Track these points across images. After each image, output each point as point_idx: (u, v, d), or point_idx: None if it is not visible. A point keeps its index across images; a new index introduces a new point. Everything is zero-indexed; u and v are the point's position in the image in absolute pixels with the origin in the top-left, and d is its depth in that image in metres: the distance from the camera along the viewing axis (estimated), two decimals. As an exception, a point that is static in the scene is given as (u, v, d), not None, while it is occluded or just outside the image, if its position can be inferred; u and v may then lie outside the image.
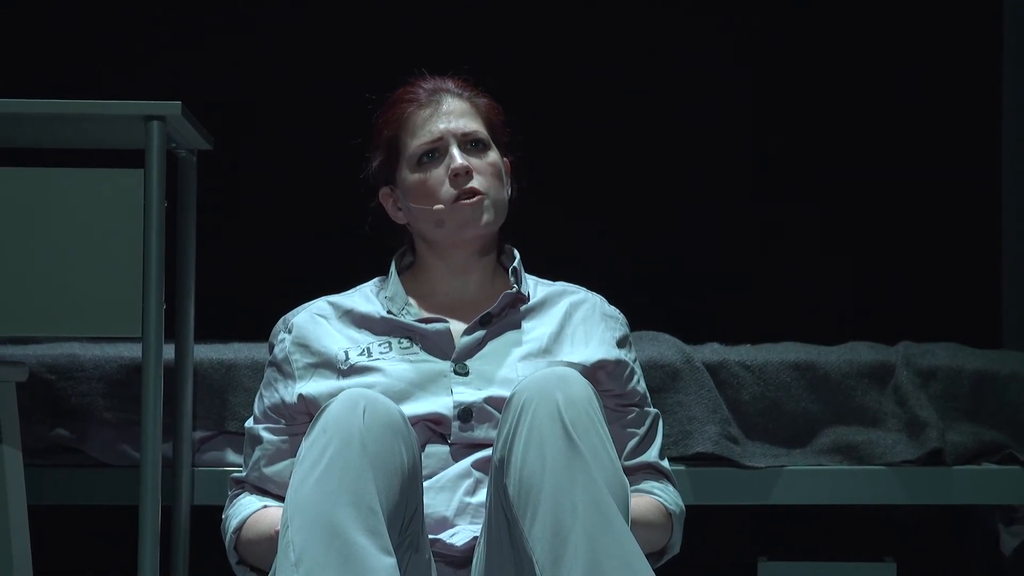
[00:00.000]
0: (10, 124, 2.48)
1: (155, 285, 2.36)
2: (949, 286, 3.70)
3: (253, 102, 3.68)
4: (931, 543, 3.55)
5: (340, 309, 2.43)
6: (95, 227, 2.35)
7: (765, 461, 2.82)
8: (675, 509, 2.37)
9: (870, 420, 2.86)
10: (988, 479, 2.82)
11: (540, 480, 2.00)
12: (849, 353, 2.92)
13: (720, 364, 2.87)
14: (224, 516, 2.39)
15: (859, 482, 2.82)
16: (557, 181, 3.50)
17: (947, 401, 2.88)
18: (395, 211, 2.46)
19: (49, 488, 2.74)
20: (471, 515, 2.23)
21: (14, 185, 2.36)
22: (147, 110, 2.37)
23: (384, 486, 2.01)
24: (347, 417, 2.03)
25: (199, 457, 2.77)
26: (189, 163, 2.71)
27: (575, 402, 2.05)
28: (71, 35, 3.66)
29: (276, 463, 2.35)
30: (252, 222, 3.68)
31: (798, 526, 3.46)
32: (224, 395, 2.77)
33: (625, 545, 1.97)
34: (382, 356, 2.34)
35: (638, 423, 2.39)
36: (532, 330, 2.40)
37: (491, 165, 2.40)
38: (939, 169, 3.72)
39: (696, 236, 3.73)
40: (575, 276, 2.54)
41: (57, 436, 2.75)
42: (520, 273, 2.43)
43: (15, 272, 2.34)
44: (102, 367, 2.77)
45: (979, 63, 3.71)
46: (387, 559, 1.96)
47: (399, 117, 2.43)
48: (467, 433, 2.28)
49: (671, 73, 3.73)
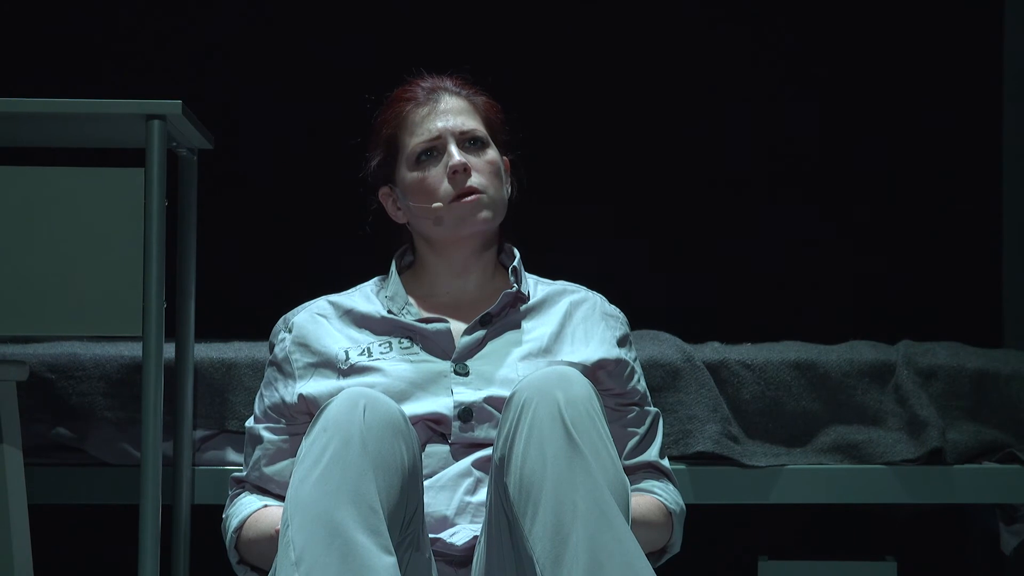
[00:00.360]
0: (11, 123, 2.47)
1: (156, 284, 2.36)
2: (950, 285, 3.70)
3: (253, 101, 3.68)
4: (931, 542, 3.55)
5: (340, 309, 2.43)
6: (96, 226, 2.35)
7: (765, 460, 2.82)
8: (675, 508, 2.37)
9: (871, 419, 2.86)
10: (989, 478, 2.82)
11: (541, 479, 2.00)
12: (850, 352, 2.92)
13: (721, 363, 2.87)
14: (224, 515, 2.39)
15: (859, 481, 2.82)
16: (556, 179, 3.50)
17: (948, 400, 2.88)
18: (395, 210, 2.46)
19: (50, 487, 2.74)
20: (471, 514, 2.23)
21: (15, 184, 2.35)
22: (148, 109, 2.37)
23: (384, 485, 2.01)
24: (347, 416, 2.03)
25: (199, 456, 2.77)
26: (190, 162, 2.72)
27: (576, 401, 2.05)
28: (71, 34, 3.66)
29: (276, 462, 2.35)
30: (252, 221, 3.68)
31: (798, 525, 3.46)
32: (224, 394, 2.77)
33: (626, 544, 1.97)
34: (382, 356, 2.34)
35: (638, 422, 2.39)
36: (532, 330, 2.40)
37: (490, 163, 2.40)
38: (940, 167, 3.71)
39: (697, 235, 3.73)
40: (575, 275, 2.54)
41: (58, 435, 2.75)
42: (520, 272, 2.43)
43: (15, 271, 2.34)
44: (103, 366, 2.77)
45: (980, 60, 3.71)
46: (387, 558, 1.96)
47: (397, 116, 2.43)
48: (467, 433, 2.28)
49: (672, 68, 3.73)
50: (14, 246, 2.34)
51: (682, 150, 3.73)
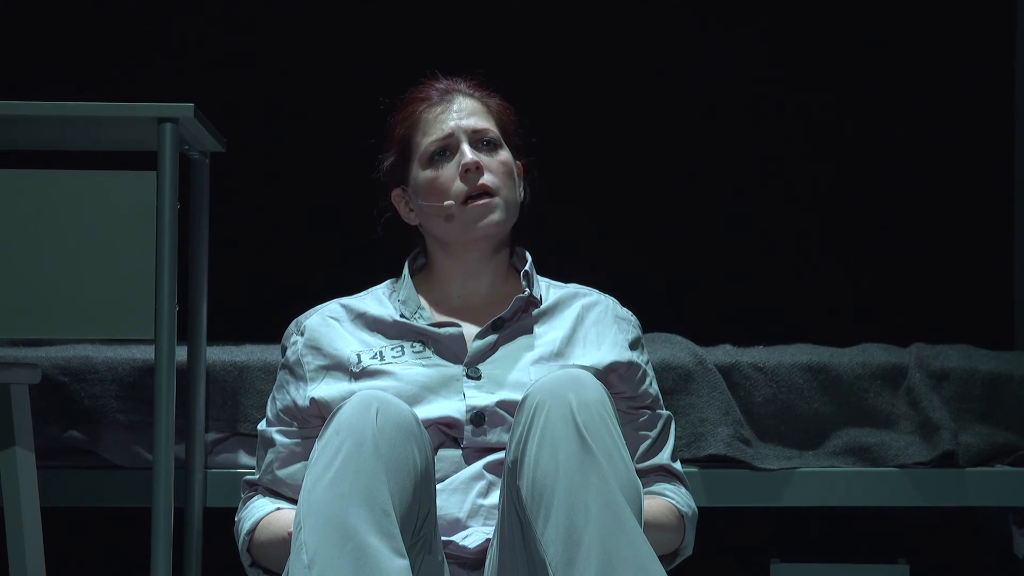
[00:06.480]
0: (23, 126, 2.48)
1: (168, 287, 2.36)
2: (962, 288, 3.69)
3: (266, 104, 3.68)
4: (944, 545, 3.54)
5: (353, 312, 2.43)
6: (108, 229, 2.35)
7: (778, 463, 2.81)
8: (687, 511, 2.37)
9: (883, 422, 2.86)
10: (1001, 481, 2.82)
11: (553, 482, 2.00)
12: (862, 355, 2.91)
13: (733, 366, 2.87)
14: (237, 518, 2.39)
15: (872, 484, 2.82)
16: (569, 182, 3.50)
17: (960, 403, 2.88)
18: (407, 212, 2.46)
19: (62, 490, 2.74)
20: (484, 517, 2.23)
21: (27, 187, 2.36)
22: (160, 112, 2.37)
23: (397, 488, 2.01)
24: (360, 419, 2.03)
25: (211, 459, 2.77)
26: (201, 165, 2.72)
27: (588, 404, 2.05)
28: (83, 37, 3.66)
29: (289, 465, 2.35)
30: (265, 224, 3.68)
31: (811, 528, 3.46)
32: (236, 397, 2.77)
33: (638, 547, 1.97)
34: (395, 360, 2.34)
35: (650, 425, 2.39)
36: (544, 334, 2.40)
37: (502, 164, 2.40)
38: (952, 169, 3.71)
39: (709, 237, 3.72)
40: (587, 278, 2.54)
41: (70, 438, 2.76)
42: (532, 276, 2.43)
43: (28, 274, 2.34)
44: (115, 369, 2.77)
45: (992, 60, 3.71)
46: (400, 561, 1.96)
47: (411, 116, 2.43)
48: (480, 437, 2.28)
49: (686, 74, 3.73)
50: (26, 249, 2.35)
51: (695, 151, 3.73)
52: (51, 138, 2.63)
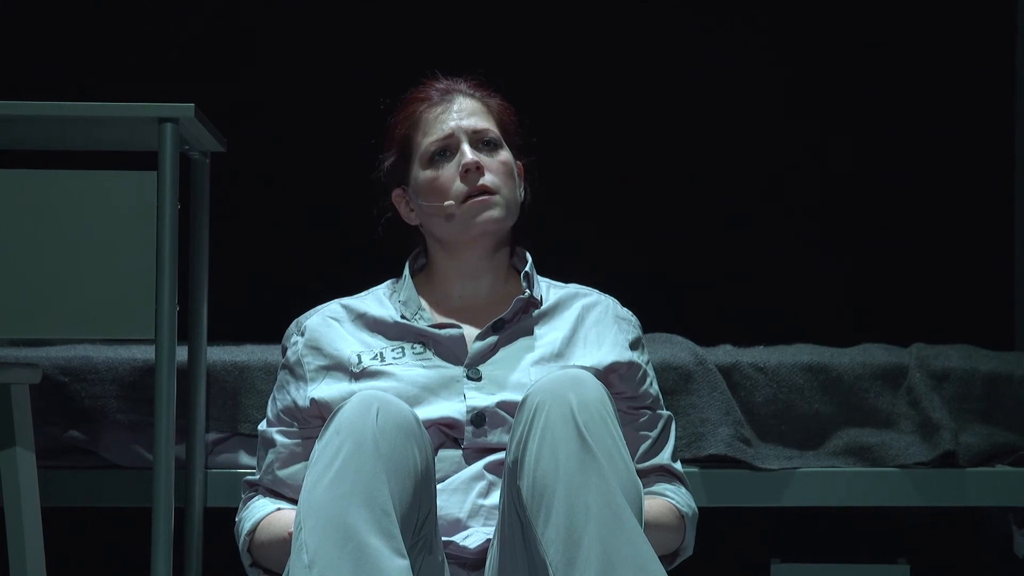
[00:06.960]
0: (23, 126, 2.48)
1: (168, 287, 2.36)
2: (962, 287, 3.69)
3: (266, 104, 3.68)
4: (944, 545, 3.54)
5: (353, 312, 2.43)
6: (108, 229, 2.35)
7: (778, 463, 2.81)
8: (688, 511, 2.37)
9: (883, 422, 2.86)
10: (1001, 481, 2.82)
11: (553, 482, 2.00)
12: (862, 355, 2.91)
13: (733, 366, 2.87)
14: (237, 519, 2.39)
15: (872, 484, 2.82)
16: (569, 182, 3.50)
17: (960, 403, 2.88)
18: (407, 212, 2.46)
19: (62, 490, 2.74)
20: (484, 517, 2.23)
21: (27, 187, 2.36)
22: (160, 112, 2.37)
23: (397, 488, 2.01)
24: (360, 419, 2.03)
25: (212, 459, 2.77)
26: (202, 165, 2.72)
27: (588, 404, 2.05)
28: (83, 37, 3.66)
29: (289, 466, 2.35)
30: (265, 224, 3.68)
31: (811, 528, 3.46)
32: (237, 397, 2.77)
33: (638, 547, 1.97)
34: (395, 361, 2.34)
35: (651, 425, 2.39)
36: (545, 335, 2.40)
37: (503, 163, 2.40)
38: (952, 169, 3.71)
39: (709, 238, 3.72)
40: (587, 278, 2.54)
41: (70, 438, 2.76)
42: (532, 277, 2.43)
43: (28, 274, 2.34)
44: (115, 369, 2.77)
45: (992, 60, 3.71)
46: (400, 561, 1.96)
47: (411, 116, 2.44)
48: (480, 438, 2.28)
49: (686, 74, 3.73)
50: (26, 249, 2.35)
51: (695, 152, 3.73)
52: (52, 138, 2.63)
